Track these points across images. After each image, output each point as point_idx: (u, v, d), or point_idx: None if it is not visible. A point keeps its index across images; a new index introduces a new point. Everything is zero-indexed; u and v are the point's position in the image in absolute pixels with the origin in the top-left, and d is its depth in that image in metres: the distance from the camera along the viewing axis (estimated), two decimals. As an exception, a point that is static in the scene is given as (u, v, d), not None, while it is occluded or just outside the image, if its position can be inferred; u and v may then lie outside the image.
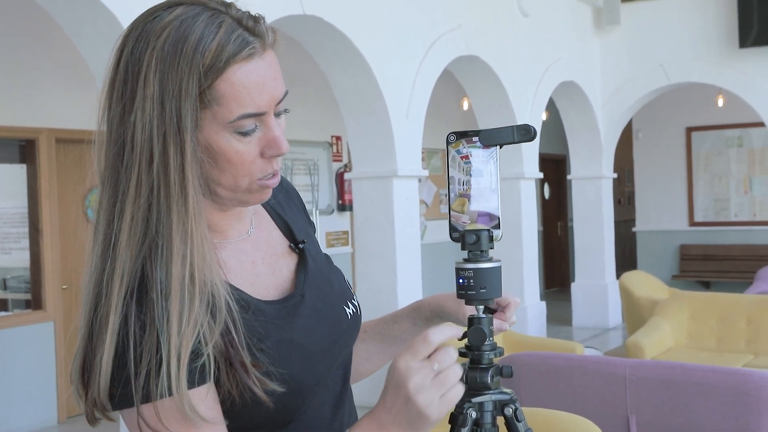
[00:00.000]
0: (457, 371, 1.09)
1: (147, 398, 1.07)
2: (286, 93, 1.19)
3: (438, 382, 1.08)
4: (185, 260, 1.09)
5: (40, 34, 6.53)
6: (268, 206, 1.37)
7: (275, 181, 1.20)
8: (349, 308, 1.35)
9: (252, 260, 1.27)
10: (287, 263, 1.32)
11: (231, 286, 1.17)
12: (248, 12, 1.16)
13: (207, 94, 1.10)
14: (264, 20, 1.18)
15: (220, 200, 1.20)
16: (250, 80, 1.12)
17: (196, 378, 1.09)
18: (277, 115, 1.18)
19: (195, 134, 1.11)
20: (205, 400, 1.10)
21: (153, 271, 1.09)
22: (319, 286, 1.31)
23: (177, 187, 1.10)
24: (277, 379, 1.15)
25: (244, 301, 1.18)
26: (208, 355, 1.09)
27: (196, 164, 1.11)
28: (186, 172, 1.10)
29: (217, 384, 1.13)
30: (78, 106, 6.76)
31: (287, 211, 1.39)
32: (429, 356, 1.08)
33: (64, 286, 6.73)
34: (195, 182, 1.11)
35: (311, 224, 1.46)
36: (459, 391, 1.09)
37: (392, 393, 1.09)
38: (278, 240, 1.34)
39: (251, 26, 1.14)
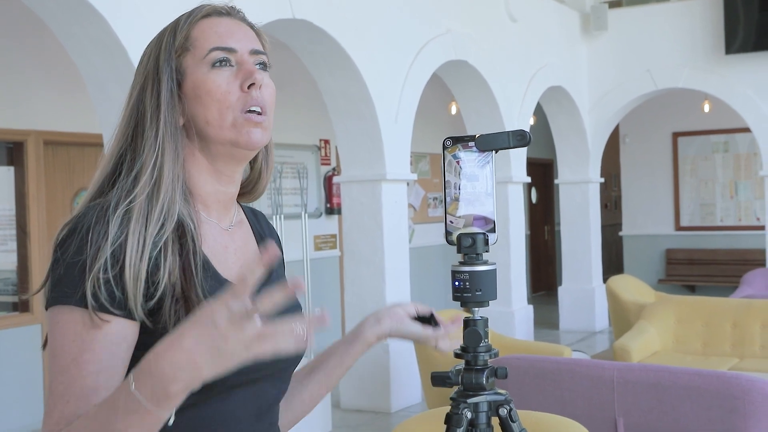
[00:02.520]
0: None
1: (67, 301, 1.19)
2: (264, 53, 1.34)
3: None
4: (153, 168, 1.26)
5: (29, 36, 6.51)
6: (251, 220, 1.49)
7: (260, 119, 1.30)
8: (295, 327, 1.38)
9: (225, 245, 1.36)
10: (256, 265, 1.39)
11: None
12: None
13: (184, 42, 1.31)
14: (240, 10, 1.40)
15: (212, 148, 1.32)
16: (219, 28, 1.33)
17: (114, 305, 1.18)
18: (258, 66, 1.33)
19: (173, 76, 1.30)
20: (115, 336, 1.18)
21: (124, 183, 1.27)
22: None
23: (150, 117, 1.29)
24: None
25: (206, 265, 1.28)
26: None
27: (172, 100, 1.29)
28: (161, 104, 1.29)
29: (157, 313, 1.20)
30: (67, 109, 6.75)
31: (266, 236, 1.49)
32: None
33: (52, 289, 6.71)
34: (168, 114, 1.28)
35: (283, 264, 1.54)
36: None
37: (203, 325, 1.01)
38: (253, 247, 1.44)
39: (225, 6, 1.37)
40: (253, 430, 1.32)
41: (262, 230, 1.49)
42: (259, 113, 1.30)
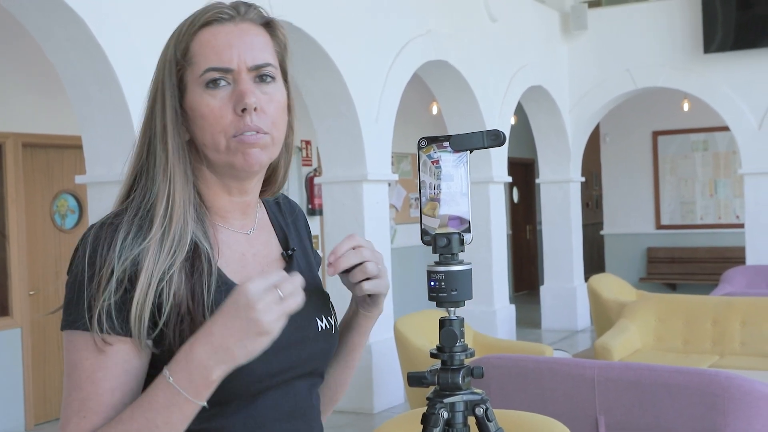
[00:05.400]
0: (298, 297, 1.15)
1: (76, 326, 1.20)
2: (269, 65, 1.30)
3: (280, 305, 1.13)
4: (167, 198, 1.25)
5: (7, 38, 6.47)
6: (272, 215, 1.46)
7: (254, 139, 1.27)
8: (321, 321, 1.39)
9: (242, 252, 1.35)
10: (276, 268, 1.39)
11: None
12: (245, 1, 1.34)
13: (184, 56, 1.27)
14: (256, 6, 1.33)
15: (216, 168, 1.30)
16: (218, 40, 1.27)
17: (126, 327, 1.19)
18: (261, 80, 1.29)
19: (175, 93, 1.27)
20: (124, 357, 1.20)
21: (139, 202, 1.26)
22: None
23: (159, 137, 1.27)
24: None
25: (220, 279, 1.27)
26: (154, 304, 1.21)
27: (177, 120, 1.27)
28: (167, 125, 1.27)
29: (161, 335, 1.21)
30: (45, 111, 6.70)
31: (290, 228, 1.47)
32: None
33: (32, 292, 6.67)
34: (175, 136, 1.27)
35: (315, 252, 1.53)
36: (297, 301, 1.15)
37: (232, 312, 1.12)
38: (274, 246, 1.42)
39: (232, 4, 1.31)
40: (291, 429, 1.32)
41: (285, 223, 1.46)
42: (255, 133, 1.26)
